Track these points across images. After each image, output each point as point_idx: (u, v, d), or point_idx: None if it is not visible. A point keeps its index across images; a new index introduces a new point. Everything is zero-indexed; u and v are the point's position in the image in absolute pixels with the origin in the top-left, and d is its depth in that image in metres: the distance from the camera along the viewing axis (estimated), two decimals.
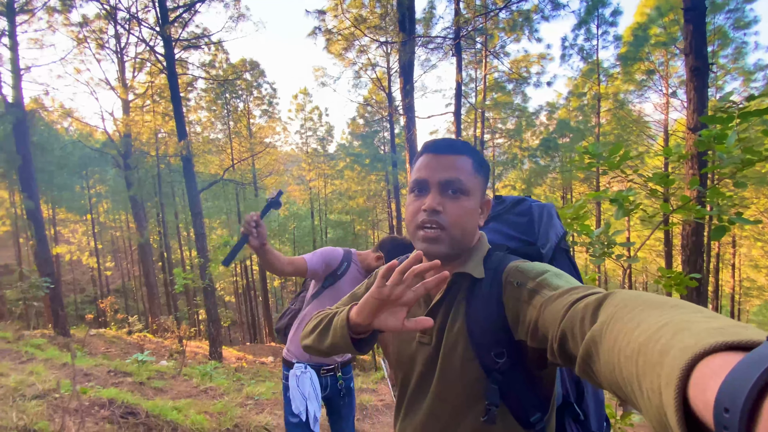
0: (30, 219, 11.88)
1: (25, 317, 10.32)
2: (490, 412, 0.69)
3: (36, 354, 5.59)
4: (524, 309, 0.65)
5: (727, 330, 0.29)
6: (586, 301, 0.51)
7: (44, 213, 17.08)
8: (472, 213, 0.74)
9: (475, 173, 0.75)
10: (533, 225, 0.90)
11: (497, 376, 0.69)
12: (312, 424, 1.70)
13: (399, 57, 10.98)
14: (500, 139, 22.27)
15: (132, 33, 13.98)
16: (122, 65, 15.71)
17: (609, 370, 0.40)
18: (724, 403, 0.23)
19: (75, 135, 19.50)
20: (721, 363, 0.26)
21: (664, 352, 0.31)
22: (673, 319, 0.35)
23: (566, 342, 0.52)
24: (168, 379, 5.43)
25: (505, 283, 0.71)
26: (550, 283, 0.63)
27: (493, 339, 0.69)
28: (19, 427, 1.93)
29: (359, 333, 0.74)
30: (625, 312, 0.42)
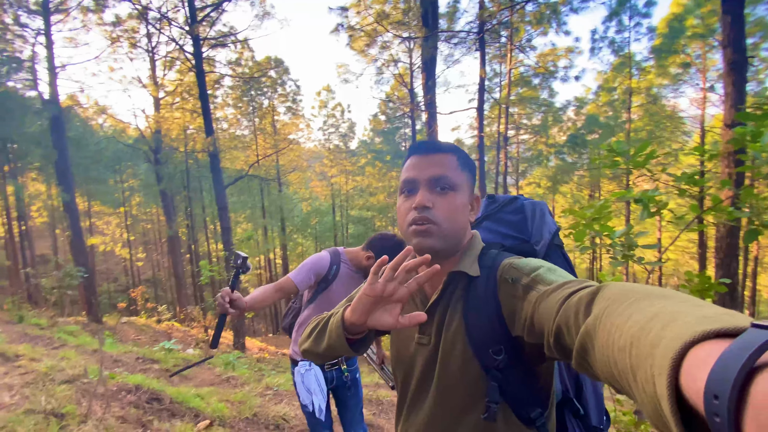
0: (66, 211, 12.52)
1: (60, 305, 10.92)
2: (490, 409, 0.70)
3: (68, 340, 5.91)
4: (520, 305, 0.66)
5: (715, 318, 0.30)
6: (579, 294, 0.51)
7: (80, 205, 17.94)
8: (462, 208, 0.76)
9: (461, 169, 0.77)
10: (526, 223, 0.91)
11: (496, 373, 0.70)
12: (318, 413, 1.80)
13: (421, 52, 10.87)
14: (525, 135, 21.75)
15: (162, 32, 14.43)
16: (153, 64, 16.26)
17: (604, 362, 0.41)
18: (713, 390, 0.24)
19: (109, 131, 20.37)
20: (709, 351, 0.26)
21: (655, 344, 0.32)
22: (662, 309, 0.35)
23: (562, 336, 0.53)
24: (194, 368, 5.62)
25: (500, 280, 0.71)
26: (544, 278, 0.64)
27: (491, 336, 0.70)
28: (47, 411, 2.04)
29: (355, 333, 0.75)
30: (616, 305, 0.42)
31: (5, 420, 1.73)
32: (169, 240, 17.61)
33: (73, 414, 2.09)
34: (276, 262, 24.76)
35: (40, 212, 20.22)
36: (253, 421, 3.20)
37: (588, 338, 0.45)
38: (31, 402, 2.01)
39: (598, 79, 17.91)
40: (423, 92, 11.34)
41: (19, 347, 4.40)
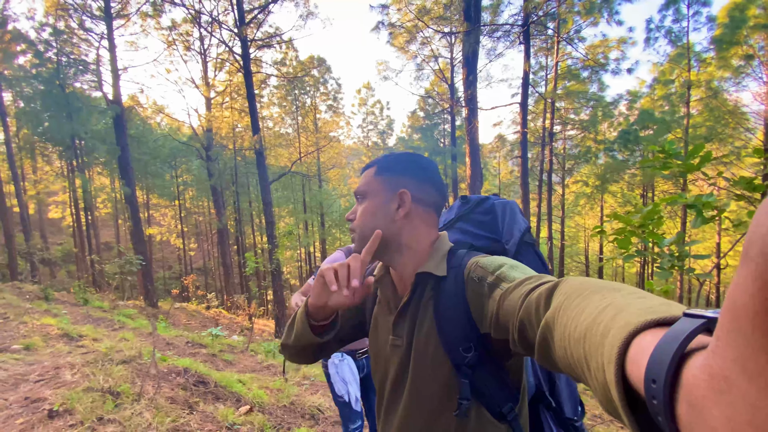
0: (127, 203, 13.60)
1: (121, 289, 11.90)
2: (461, 406, 0.71)
3: (127, 323, 6.44)
4: (486, 303, 0.67)
5: (656, 308, 0.32)
6: (539, 290, 0.53)
7: (139, 198, 19.38)
8: (370, 211, 0.82)
9: (378, 176, 0.83)
10: (497, 222, 0.94)
11: (466, 370, 0.72)
12: (354, 404, 1.85)
13: (463, 47, 10.67)
14: (572, 130, 20.73)
15: (213, 35, 15.17)
16: (205, 65, 17.18)
17: (562, 354, 0.43)
18: (651, 375, 0.26)
19: (166, 129, 21.81)
20: (650, 339, 0.29)
21: (604, 334, 0.34)
22: (612, 302, 0.37)
23: (525, 331, 0.55)
24: (237, 353, 5.93)
25: (467, 279, 0.73)
26: (507, 275, 0.65)
27: (461, 335, 0.72)
28: (104, 389, 2.25)
29: (320, 320, 0.82)
30: (572, 299, 0.44)
31: (65, 397, 1.93)
32: (219, 232, 18.62)
33: (128, 393, 2.28)
34: (315, 255, 25.43)
35: (104, 204, 22.09)
36: (290, 410, 3.33)
37: (548, 331, 0.47)
38: (90, 380, 2.22)
39: (653, 71, 16.68)
40: (463, 87, 11.12)
41: (83, 328, 4.87)
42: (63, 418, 1.76)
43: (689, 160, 1.56)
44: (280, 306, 12.31)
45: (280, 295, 12.58)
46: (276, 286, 12.63)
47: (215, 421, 2.41)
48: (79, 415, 1.77)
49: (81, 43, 14.90)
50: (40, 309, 5.90)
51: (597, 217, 23.42)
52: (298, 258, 23.94)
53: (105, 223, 26.65)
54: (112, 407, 1.97)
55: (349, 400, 1.84)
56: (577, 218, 25.96)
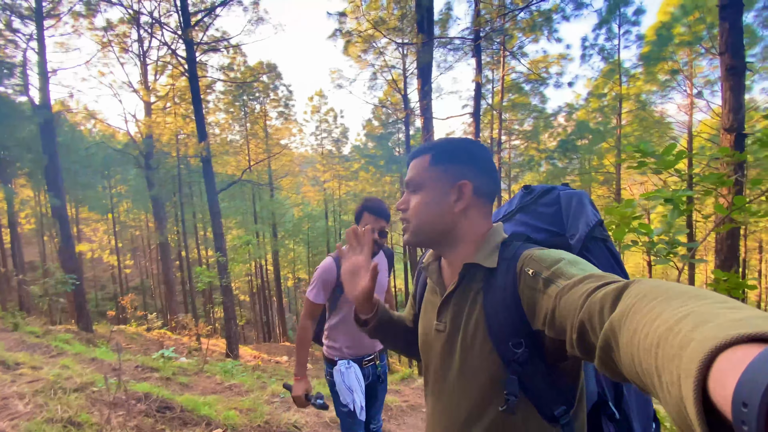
0: (55, 217, 12.22)
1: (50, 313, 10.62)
2: (509, 402, 0.69)
3: (65, 348, 5.74)
4: (540, 298, 0.64)
5: (749, 321, 0.28)
6: (604, 290, 0.50)
7: (69, 211, 17.53)
8: (430, 203, 0.80)
9: (433, 166, 0.80)
10: (561, 214, 0.88)
11: (516, 366, 0.69)
12: (359, 413, 1.80)
13: (417, 58, 10.97)
14: (517, 140, 22.01)
15: (155, 37, 14.31)
16: (145, 68, 16.07)
17: (628, 361, 0.40)
18: (743, 397, 0.23)
19: (98, 136, 20.03)
20: (741, 356, 0.25)
21: (683, 345, 0.30)
22: (694, 310, 0.34)
23: (585, 333, 0.52)
24: (191, 375, 5.50)
25: (519, 272, 0.70)
26: (565, 271, 0.62)
27: (511, 329, 0.69)
28: (64, 420, 1.98)
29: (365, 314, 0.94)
30: (645, 302, 0.40)
31: (26, 429, 1.66)
32: (160, 246, 17.29)
33: (89, 422, 2.02)
34: (267, 268, 24.49)
35: (28, 219, 19.71)
36: (266, 429, 3.13)
37: (612, 335, 0.44)
38: (47, 411, 1.94)
39: (588, 85, 18.27)
40: (419, 97, 11.42)
41: (18, 355, 4.26)
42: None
43: (665, 158, 1.69)
44: (233, 323, 11.65)
45: (232, 311, 11.92)
46: (227, 301, 11.95)
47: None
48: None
49: (7, 45, 13.30)
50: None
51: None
52: (248, 272, 22.89)
53: (28, 240, 23.72)
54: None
55: (354, 409, 1.78)
56: None
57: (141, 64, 16.05)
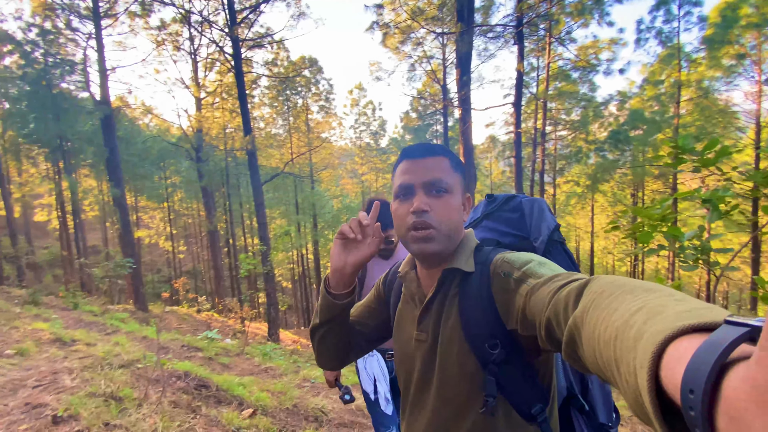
0: (116, 205, 13.33)
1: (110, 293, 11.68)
2: (488, 403, 0.71)
3: (119, 326, 6.30)
4: (512, 298, 0.67)
5: (694, 313, 0.31)
6: (568, 288, 0.52)
7: (127, 200, 19.03)
8: (457, 209, 0.78)
9: (454, 171, 0.79)
10: (524, 220, 0.93)
11: (493, 367, 0.71)
12: (384, 405, 1.73)
13: (456, 48, 10.72)
14: (563, 131, 20.99)
15: (204, 35, 15.01)
16: (195, 65, 16.96)
17: (591, 354, 0.42)
18: (689, 384, 0.25)
19: (154, 130, 21.49)
20: (687, 345, 0.27)
21: (637, 337, 0.33)
22: (646, 303, 0.36)
23: (552, 329, 0.54)
24: (232, 356, 5.84)
25: (493, 274, 0.72)
26: (534, 271, 0.65)
27: (487, 331, 0.71)
28: (107, 394, 2.18)
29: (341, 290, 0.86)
30: (603, 298, 0.43)
31: (68, 402, 1.86)
32: (210, 234, 18.37)
33: (130, 397, 2.22)
34: (308, 257, 25.27)
35: (91, 206, 21.64)
36: (294, 412, 3.28)
37: (576, 330, 0.46)
38: (91, 385, 2.15)
39: (643, 72, 16.97)
40: (457, 88, 11.17)
41: (75, 332, 4.74)
42: (68, 423, 1.70)
43: (704, 155, 1.56)
44: (274, 308, 12.20)
45: (273, 297, 12.46)
46: (269, 288, 12.51)
47: (220, 425, 2.36)
48: (84, 420, 1.71)
49: (68, 44, 14.59)
50: (30, 314, 5.74)
51: (588, 216, 23.70)
52: (290, 260, 23.76)
53: (92, 226, 26.10)
54: (117, 413, 1.91)
55: (376, 399, 1.75)
56: (569, 218, 26.26)
57: (192, 61, 16.96)
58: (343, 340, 0.92)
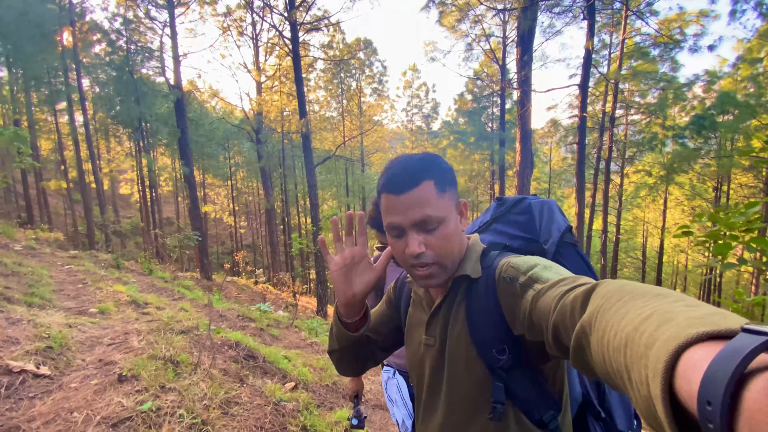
0: (186, 182, 14.50)
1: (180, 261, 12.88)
2: (496, 410, 0.70)
3: (185, 293, 6.95)
4: (518, 303, 0.66)
5: (707, 319, 0.30)
6: (575, 292, 0.51)
7: (196, 177, 20.60)
8: (453, 234, 0.74)
9: (442, 193, 0.73)
10: (534, 222, 0.91)
11: (501, 373, 0.70)
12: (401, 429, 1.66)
13: (518, 25, 10.08)
14: (636, 115, 19.13)
15: (264, 20, 15.51)
16: (257, 50, 17.65)
17: (600, 361, 0.41)
18: (707, 396, 0.24)
19: (220, 113, 22.86)
20: (702, 354, 0.27)
21: (649, 344, 0.32)
22: (657, 309, 0.35)
23: (559, 334, 0.53)
24: (282, 328, 6.22)
25: (498, 279, 0.71)
26: (540, 276, 0.64)
27: (494, 336, 0.71)
28: (166, 357, 2.43)
29: (353, 317, 0.84)
30: (611, 303, 0.42)
31: (133, 363, 2.11)
32: (267, 212, 19.43)
33: (186, 362, 2.46)
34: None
35: (166, 182, 23.77)
36: (333, 389, 3.44)
37: (583, 336, 0.45)
38: (154, 348, 2.41)
39: (738, 48, 14.84)
40: (517, 68, 10.57)
41: (148, 296, 5.31)
42: (130, 383, 1.92)
43: None
44: (322, 286, 12.72)
45: (323, 275, 12.98)
46: (319, 266, 13.04)
47: (263, 396, 2.54)
48: (144, 381, 1.93)
49: (147, 32, 15.85)
50: (112, 276, 6.51)
51: (659, 210, 21.65)
52: None
53: (166, 200, 28.71)
54: (173, 376, 2.13)
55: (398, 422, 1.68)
56: (636, 211, 24.19)
57: (254, 46, 17.67)
58: (362, 357, 0.93)
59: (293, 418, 2.36)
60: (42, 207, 17.91)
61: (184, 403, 1.85)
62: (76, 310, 4.15)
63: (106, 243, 15.96)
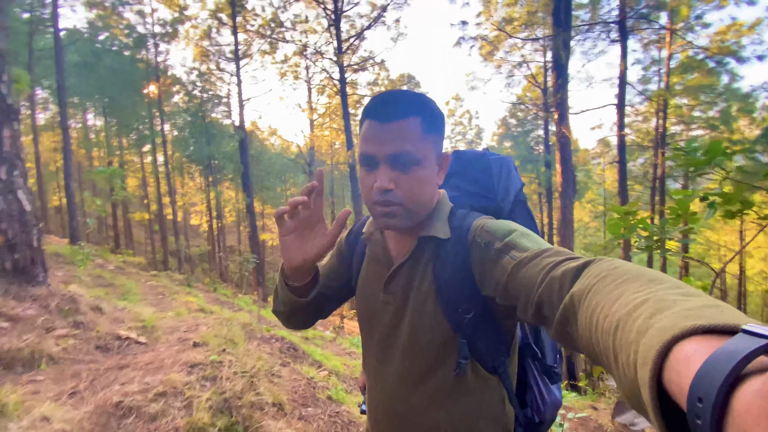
0: (247, 212, 16.05)
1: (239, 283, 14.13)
2: (461, 365, 0.72)
3: (243, 307, 7.83)
4: (492, 267, 0.66)
5: (704, 312, 0.29)
6: (564, 267, 0.51)
7: (256, 208, 22.49)
8: (427, 180, 0.72)
9: (427, 134, 0.70)
10: (492, 180, 0.89)
11: (466, 330, 0.71)
12: None
13: (553, 51, 10.41)
14: (699, 130, 18.02)
15: (316, 64, 17.19)
16: (309, 91, 19.46)
17: (585, 338, 0.41)
18: (698, 392, 0.24)
19: (278, 148, 25.07)
20: (695, 348, 0.26)
21: (641, 331, 0.31)
22: (652, 295, 0.35)
23: (543, 307, 0.53)
24: (326, 342, 6.78)
25: (471, 242, 0.71)
26: (518, 243, 0.64)
27: (461, 296, 0.71)
28: (226, 337, 3.07)
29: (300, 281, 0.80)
30: (604, 284, 0.42)
31: (203, 337, 2.76)
32: None
33: (241, 343, 3.08)
34: None
35: (230, 213, 26.12)
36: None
37: (571, 312, 0.46)
38: (218, 331, 3.06)
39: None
40: (553, 92, 10.79)
41: (213, 307, 6.17)
42: (201, 347, 2.56)
43: None
44: None
45: None
46: None
47: (299, 374, 3.07)
48: (210, 345, 2.56)
49: (217, 81, 18.24)
50: (184, 291, 7.55)
51: (735, 232, 19.73)
52: None
53: (230, 230, 31.34)
54: (231, 347, 2.75)
55: None
56: (708, 233, 22.13)
57: (307, 88, 19.50)
58: (312, 312, 0.90)
59: (322, 390, 2.86)
60: (127, 236, 20.57)
61: (238, 363, 2.44)
62: (157, 312, 5.05)
63: (179, 266, 17.87)
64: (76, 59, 15.05)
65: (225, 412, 1.84)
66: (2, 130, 2.93)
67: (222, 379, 2.08)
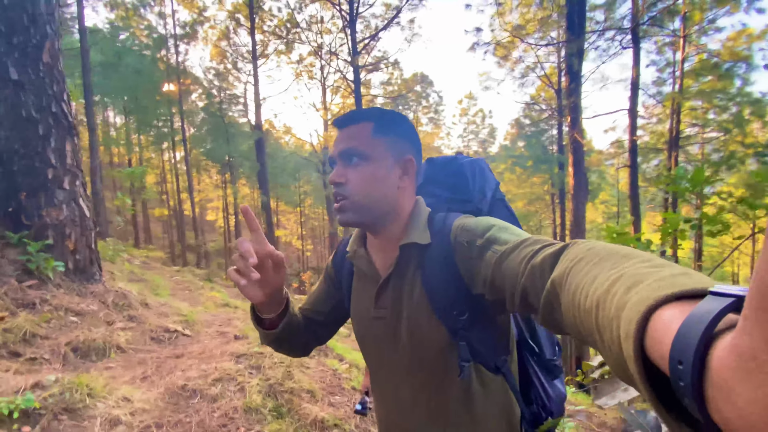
0: (263, 209, 16.50)
1: None
2: (463, 369, 0.71)
3: None
4: (477, 265, 0.67)
5: (675, 280, 0.31)
6: (543, 254, 0.52)
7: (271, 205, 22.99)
8: (379, 177, 0.75)
9: (378, 135, 0.75)
10: (467, 183, 0.90)
11: (463, 333, 0.72)
12: None
13: (565, 56, 10.53)
14: (712, 132, 17.87)
15: (330, 65, 17.49)
16: (324, 91, 19.80)
17: (570, 320, 0.42)
18: (678, 356, 0.25)
19: (292, 147, 25.50)
20: (671, 315, 0.27)
21: (620, 306, 0.32)
22: (625, 271, 0.36)
23: (527, 296, 0.54)
24: (341, 337, 7.13)
25: (454, 243, 0.72)
26: (498, 237, 0.65)
27: (453, 299, 0.72)
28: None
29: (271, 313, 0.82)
30: (581, 265, 0.43)
31: (242, 330, 3.10)
32: (330, 236, 21.03)
33: None
34: None
35: None
36: None
37: (553, 297, 0.47)
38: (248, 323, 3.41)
39: None
40: (566, 95, 10.93)
41: (236, 301, 6.56)
42: (242, 340, 2.90)
43: None
44: None
45: None
46: None
47: (325, 366, 3.40)
48: (251, 338, 2.90)
49: (234, 80, 18.70)
50: (207, 287, 7.97)
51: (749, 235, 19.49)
52: None
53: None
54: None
55: None
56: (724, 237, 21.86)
57: (321, 88, 19.86)
58: (300, 340, 0.90)
59: (346, 381, 3.19)
60: (146, 231, 21.25)
61: (276, 354, 2.78)
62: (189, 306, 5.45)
63: (197, 262, 18.45)
64: (99, 59, 15.57)
65: (271, 396, 2.17)
66: (65, 144, 3.31)
67: (265, 368, 2.41)
